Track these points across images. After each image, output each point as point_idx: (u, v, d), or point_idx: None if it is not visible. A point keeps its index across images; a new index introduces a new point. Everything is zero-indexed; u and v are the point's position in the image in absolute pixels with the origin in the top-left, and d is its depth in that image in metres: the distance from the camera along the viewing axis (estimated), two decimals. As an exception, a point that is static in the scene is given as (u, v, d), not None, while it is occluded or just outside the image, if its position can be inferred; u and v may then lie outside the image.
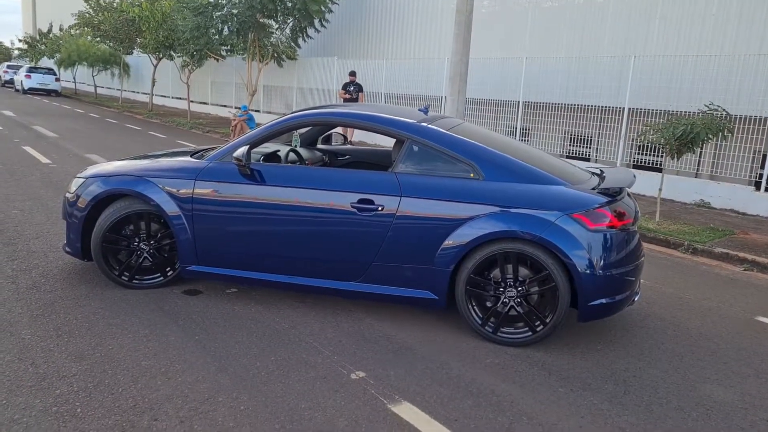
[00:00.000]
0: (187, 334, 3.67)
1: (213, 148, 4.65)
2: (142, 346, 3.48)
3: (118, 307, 4.01)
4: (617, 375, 3.51)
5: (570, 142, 12.06)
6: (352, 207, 3.86)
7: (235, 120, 15.66)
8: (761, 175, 9.23)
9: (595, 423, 2.97)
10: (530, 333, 3.73)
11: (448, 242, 3.74)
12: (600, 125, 11.29)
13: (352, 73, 14.71)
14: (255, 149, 4.30)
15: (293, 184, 3.98)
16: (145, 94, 26.79)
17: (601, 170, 4.45)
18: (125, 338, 3.56)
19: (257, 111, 19.07)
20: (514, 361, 3.59)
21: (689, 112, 9.03)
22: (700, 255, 6.87)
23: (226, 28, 17.09)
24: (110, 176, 4.32)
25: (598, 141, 11.64)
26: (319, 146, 5.50)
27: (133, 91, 30.21)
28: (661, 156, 10.19)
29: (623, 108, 10.71)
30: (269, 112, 20.12)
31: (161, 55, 21.17)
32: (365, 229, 3.86)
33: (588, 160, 11.47)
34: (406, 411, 2.96)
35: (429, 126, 4.06)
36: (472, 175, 3.83)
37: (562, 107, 11.74)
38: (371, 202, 3.84)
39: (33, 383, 3.01)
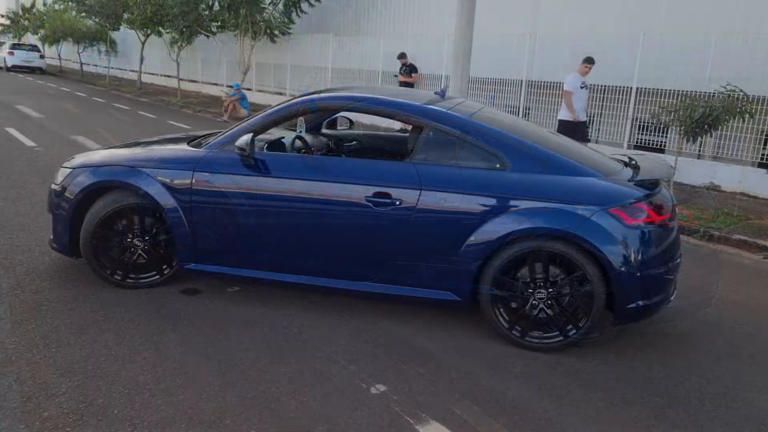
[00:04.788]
0: (187, 342, 3.35)
1: (212, 134, 4.29)
2: (138, 356, 3.15)
3: (111, 310, 3.67)
4: (657, 384, 3.23)
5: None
6: (367, 201, 3.53)
7: (227, 99, 15.19)
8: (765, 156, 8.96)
9: (643, 443, 2.70)
10: (561, 337, 3.45)
11: (473, 239, 3.43)
12: (604, 105, 10.94)
13: (401, 56, 13.54)
14: (258, 136, 3.93)
15: (302, 175, 3.63)
16: (133, 71, 26.06)
17: (630, 158, 4.13)
18: (119, 348, 3.23)
19: (249, 89, 18.52)
20: (545, 369, 3.30)
21: (698, 92, 8.73)
22: (716, 242, 6.61)
23: (216, 3, 16.49)
24: (99, 166, 3.95)
25: (600, 121, 11.31)
26: (324, 131, 5.13)
27: (121, 69, 29.39)
28: (664, 136, 9.92)
29: (631, 87, 10.36)
30: (261, 91, 19.59)
31: (149, 32, 20.49)
32: (381, 225, 3.53)
33: (589, 140, 11.15)
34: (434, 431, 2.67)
35: (450, 111, 3.71)
36: (498, 165, 3.50)
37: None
38: (388, 195, 3.51)
39: (17, 404, 2.68)
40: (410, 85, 13.24)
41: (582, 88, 8.97)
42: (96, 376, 2.93)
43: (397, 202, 3.49)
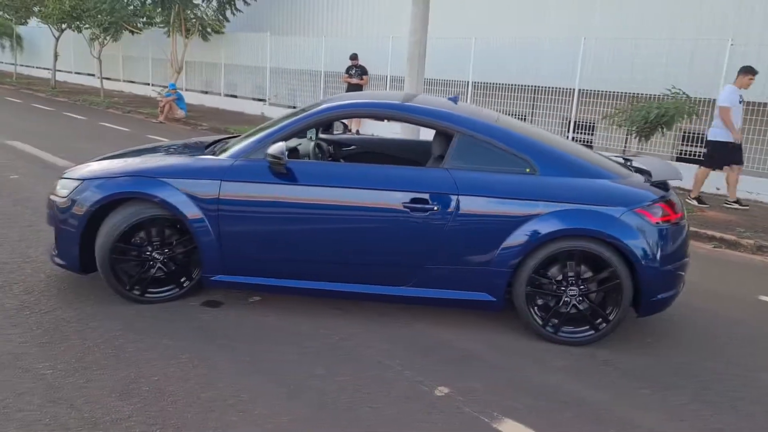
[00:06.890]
0: (233, 355, 3.26)
1: (224, 140, 4.17)
2: (191, 373, 3.03)
3: (139, 326, 3.50)
4: (685, 370, 3.48)
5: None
6: (405, 207, 3.57)
7: (162, 100, 14.55)
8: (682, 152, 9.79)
9: (695, 427, 2.91)
10: (593, 331, 3.65)
11: (509, 241, 3.56)
12: (546, 105, 11.48)
13: (353, 57, 13.34)
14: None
15: (337, 183, 3.61)
16: (44, 69, 24.27)
17: (625, 159, 4.41)
18: (167, 365, 3.09)
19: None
20: (582, 362, 3.49)
21: (639, 94, 9.40)
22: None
23: (148, -1, 15.75)
24: (114, 177, 3.73)
25: (539, 121, 11.86)
26: (321, 135, 5.09)
27: (28, 66, 27.30)
28: (592, 134, 10.64)
29: (573, 89, 10.94)
30: (189, 90, 18.87)
31: (66, 27, 19.19)
32: (418, 231, 3.59)
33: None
34: (512, 429, 2.77)
35: (479, 119, 3.83)
36: (528, 170, 3.66)
37: (509, 88, 11.82)
38: (425, 201, 3.57)
39: (81, 431, 2.52)
40: (360, 87, 13.26)
41: (740, 102, 7.46)
42: (156, 397, 2.80)
43: (435, 208, 3.56)
